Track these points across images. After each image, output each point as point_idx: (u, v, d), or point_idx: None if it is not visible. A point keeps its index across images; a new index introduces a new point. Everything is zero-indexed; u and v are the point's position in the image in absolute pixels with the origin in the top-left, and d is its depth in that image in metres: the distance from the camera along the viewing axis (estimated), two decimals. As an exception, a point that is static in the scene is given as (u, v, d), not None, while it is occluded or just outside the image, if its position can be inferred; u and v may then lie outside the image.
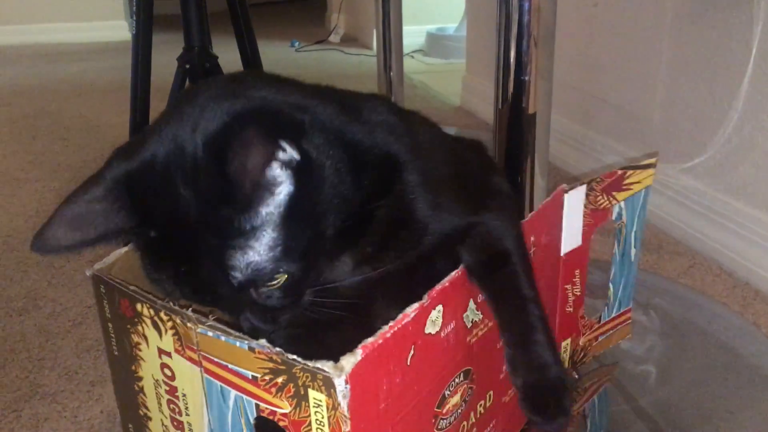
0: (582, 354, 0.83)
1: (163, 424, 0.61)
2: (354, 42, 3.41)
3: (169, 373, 0.57)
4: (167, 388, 0.58)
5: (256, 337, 0.48)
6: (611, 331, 0.85)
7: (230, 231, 0.46)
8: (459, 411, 0.59)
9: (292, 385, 0.47)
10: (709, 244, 1.16)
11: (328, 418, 0.46)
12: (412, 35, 2.92)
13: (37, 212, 1.40)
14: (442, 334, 0.54)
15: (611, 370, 0.86)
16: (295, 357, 0.46)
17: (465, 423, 0.60)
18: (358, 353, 0.46)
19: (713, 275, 1.10)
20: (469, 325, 0.58)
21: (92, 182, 0.49)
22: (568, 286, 0.76)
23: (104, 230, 0.49)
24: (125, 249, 0.63)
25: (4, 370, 0.89)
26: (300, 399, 0.47)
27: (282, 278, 0.49)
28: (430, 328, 0.53)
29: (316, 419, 0.47)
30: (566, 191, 0.72)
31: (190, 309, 0.53)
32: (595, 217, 0.76)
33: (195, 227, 0.47)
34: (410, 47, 3.10)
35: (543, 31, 0.79)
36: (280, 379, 0.48)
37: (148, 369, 0.59)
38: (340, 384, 0.45)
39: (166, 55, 1.31)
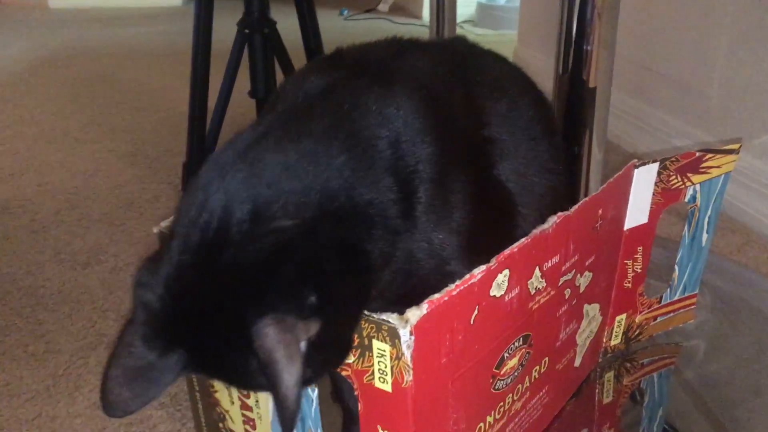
0: (638, 331, 0.83)
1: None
2: (402, 11, 3.39)
3: None
4: None
5: None
6: (673, 314, 0.85)
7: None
8: (516, 374, 0.60)
9: (356, 335, 0.49)
10: (764, 222, 1.15)
11: (391, 367, 0.48)
12: (462, 5, 2.88)
13: (95, 171, 1.44)
14: (506, 298, 0.55)
15: (674, 350, 0.86)
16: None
17: (520, 386, 0.62)
18: (424, 307, 0.47)
19: (767, 253, 1.09)
20: (533, 291, 0.59)
21: (130, 337, 0.46)
22: (629, 262, 0.76)
23: (168, 379, 0.47)
24: None
25: (71, 319, 0.93)
26: (364, 349, 0.49)
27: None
28: (495, 291, 0.54)
29: (379, 368, 0.49)
30: (637, 167, 0.72)
31: None
32: (665, 196, 0.75)
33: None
34: (460, 17, 3.07)
35: (607, 1, 0.79)
36: None
37: None
38: (405, 335, 0.46)
39: (227, 20, 1.33)
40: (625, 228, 0.73)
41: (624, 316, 0.79)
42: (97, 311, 0.95)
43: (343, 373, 0.52)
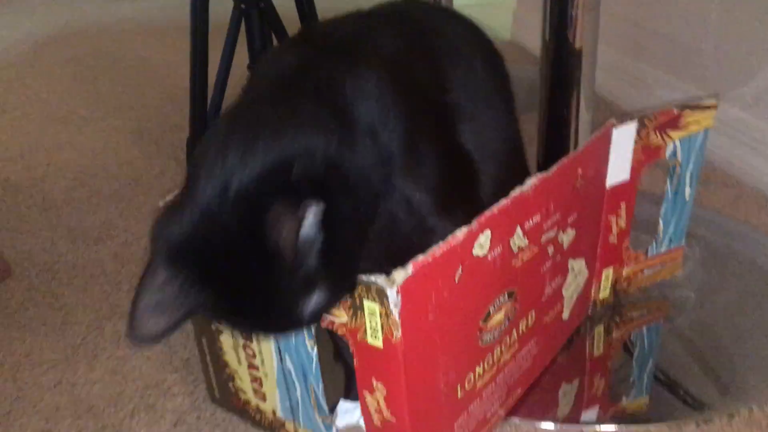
0: (626, 284, 0.86)
1: (232, 335, 0.67)
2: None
3: None
4: None
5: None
6: (660, 266, 0.88)
7: (287, 284, 0.50)
8: (502, 327, 0.64)
9: (348, 296, 0.53)
10: (756, 176, 1.17)
11: (381, 325, 0.52)
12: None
13: (103, 149, 1.48)
14: (489, 257, 0.59)
15: (662, 304, 0.89)
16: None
17: (507, 338, 0.65)
18: (409, 268, 0.51)
19: (758, 206, 1.11)
20: (515, 250, 0.62)
21: (152, 267, 0.51)
22: (612, 218, 0.79)
23: (188, 308, 0.51)
24: None
25: (86, 292, 0.98)
26: (356, 309, 0.53)
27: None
28: (478, 251, 0.57)
29: (371, 326, 0.53)
30: (615, 126, 0.74)
31: None
32: (646, 153, 0.78)
33: (256, 282, 0.50)
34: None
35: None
36: None
37: None
38: (392, 294, 0.50)
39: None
40: (607, 186, 0.76)
41: (611, 270, 0.82)
42: (110, 284, 0.99)
43: (339, 332, 0.56)
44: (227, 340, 0.68)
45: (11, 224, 1.17)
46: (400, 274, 0.50)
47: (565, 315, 0.76)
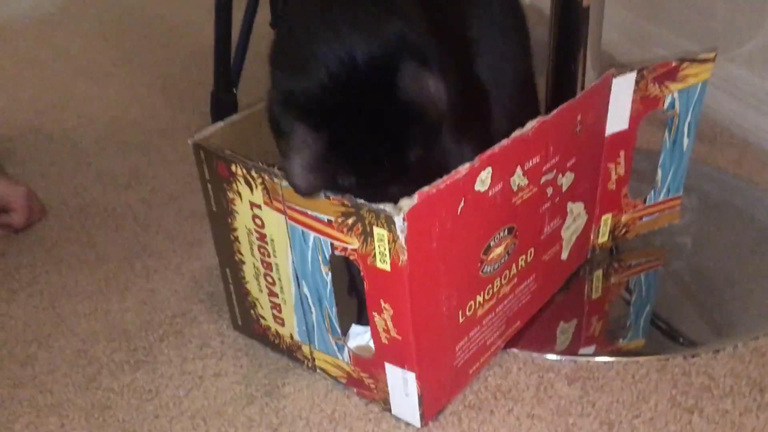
0: (624, 230, 0.91)
1: (254, 266, 0.73)
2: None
3: (259, 222, 0.69)
4: (258, 235, 0.70)
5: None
6: (658, 214, 0.92)
7: (402, 127, 0.58)
8: (502, 260, 0.69)
9: (360, 224, 0.58)
10: (760, 135, 1.20)
11: (389, 249, 0.57)
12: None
13: (130, 102, 1.53)
14: (490, 193, 0.64)
15: (660, 253, 0.94)
16: (362, 201, 0.57)
17: (507, 272, 0.71)
18: (415, 198, 0.56)
19: (762, 164, 1.15)
20: (515, 188, 0.67)
21: (297, 131, 0.57)
22: (611, 165, 0.83)
23: (334, 167, 0.59)
24: (221, 124, 0.75)
25: (117, 232, 1.04)
26: (366, 235, 0.58)
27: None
28: (479, 186, 0.62)
29: (380, 251, 0.58)
30: (615, 76, 0.78)
31: (276, 167, 0.64)
32: (644, 104, 0.82)
33: (375, 130, 0.59)
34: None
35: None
36: (350, 220, 0.59)
37: (242, 220, 0.71)
38: (399, 221, 0.55)
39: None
40: (607, 133, 0.81)
41: (610, 215, 0.87)
42: (139, 225, 1.06)
43: (351, 258, 0.61)
44: (249, 269, 0.74)
45: (45, 170, 1.24)
46: (406, 203, 0.55)
47: (564, 255, 0.82)
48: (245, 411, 0.72)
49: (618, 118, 0.80)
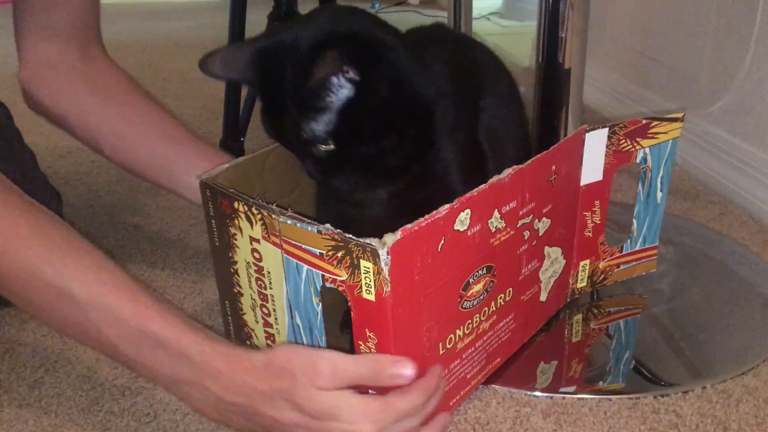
0: (602, 276, 0.96)
1: (251, 297, 0.78)
2: (432, 4, 3.52)
3: (257, 255, 0.74)
4: (256, 268, 0.75)
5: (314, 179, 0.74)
6: (635, 262, 0.97)
7: (306, 105, 0.69)
8: (481, 297, 0.74)
9: (348, 257, 0.63)
10: (740, 194, 1.26)
11: (374, 281, 0.62)
12: (489, -2, 3.00)
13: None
14: (469, 233, 0.69)
15: (638, 301, 0.98)
16: (351, 235, 0.63)
17: (486, 308, 0.76)
18: (399, 234, 0.61)
19: (741, 222, 1.20)
20: (493, 229, 0.72)
21: (249, 43, 0.73)
22: (587, 213, 0.89)
23: (240, 77, 0.74)
24: (226, 165, 0.81)
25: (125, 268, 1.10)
26: (354, 268, 0.64)
27: (330, 148, 0.70)
28: (459, 226, 0.68)
29: (365, 283, 0.63)
30: (587, 131, 0.85)
31: (274, 204, 0.70)
32: (617, 157, 0.88)
33: (288, 96, 0.69)
34: (486, 9, 3.19)
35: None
36: (339, 254, 0.64)
37: (242, 254, 0.76)
38: (383, 254, 0.61)
39: (258, 14, 1.48)
40: (582, 184, 0.87)
41: (588, 261, 0.92)
42: (146, 263, 1.11)
43: (340, 289, 0.66)
44: (247, 301, 0.79)
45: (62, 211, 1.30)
46: (390, 237, 0.61)
47: (543, 297, 0.87)
48: (238, 435, 0.76)
49: (592, 169, 0.87)
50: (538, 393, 0.80)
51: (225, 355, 0.66)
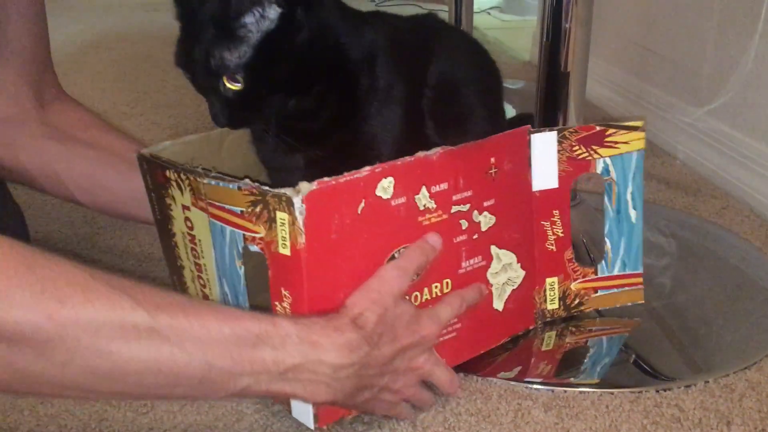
0: (577, 300, 0.85)
1: (190, 269, 0.74)
2: (431, -3, 3.51)
3: (189, 224, 0.70)
4: (189, 238, 0.71)
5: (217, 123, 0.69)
6: (616, 290, 0.86)
7: (222, 29, 0.64)
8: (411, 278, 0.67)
9: (266, 211, 0.60)
10: (742, 189, 1.24)
11: (289, 233, 0.59)
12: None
13: (142, 140, 1.59)
14: (393, 203, 0.65)
15: (630, 324, 0.90)
16: (267, 187, 0.59)
17: (417, 293, 0.69)
18: (315, 184, 0.58)
19: (743, 216, 1.18)
20: (422, 207, 0.67)
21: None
22: (546, 224, 0.81)
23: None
24: (169, 142, 0.80)
25: (122, 260, 1.09)
26: (271, 222, 0.60)
27: (238, 87, 0.64)
28: (381, 193, 0.63)
29: (281, 236, 0.59)
30: (531, 132, 0.78)
31: (200, 167, 0.67)
32: (573, 165, 0.80)
33: (206, 20, 0.65)
34: (487, 4, 3.18)
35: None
36: (257, 208, 0.60)
37: (178, 225, 0.72)
38: (297, 202, 0.57)
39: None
40: (535, 189, 0.79)
41: (555, 279, 0.83)
42: (142, 265, 1.09)
43: (258, 246, 0.62)
44: (188, 273, 0.75)
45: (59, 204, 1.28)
46: (305, 186, 0.58)
47: (498, 305, 0.79)
48: (235, 427, 0.75)
49: (545, 174, 0.80)
50: (539, 386, 0.79)
51: (313, 325, 0.60)
